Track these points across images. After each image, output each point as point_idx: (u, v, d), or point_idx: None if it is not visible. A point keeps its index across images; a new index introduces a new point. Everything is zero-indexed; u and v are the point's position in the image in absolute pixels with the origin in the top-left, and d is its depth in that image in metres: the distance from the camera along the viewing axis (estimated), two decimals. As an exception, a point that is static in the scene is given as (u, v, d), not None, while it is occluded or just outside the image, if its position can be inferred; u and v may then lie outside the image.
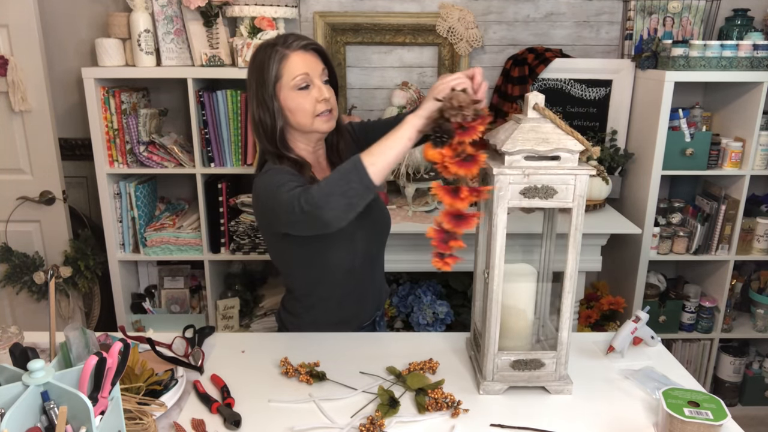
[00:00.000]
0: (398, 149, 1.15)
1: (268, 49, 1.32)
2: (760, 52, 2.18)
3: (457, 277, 2.41)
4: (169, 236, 2.32)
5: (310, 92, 1.32)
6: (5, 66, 2.17)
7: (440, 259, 1.10)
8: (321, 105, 1.33)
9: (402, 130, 1.15)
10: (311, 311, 1.48)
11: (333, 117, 1.37)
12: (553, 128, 1.10)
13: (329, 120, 1.36)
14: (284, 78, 1.31)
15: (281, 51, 1.31)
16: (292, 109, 1.33)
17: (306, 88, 1.32)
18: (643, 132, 2.37)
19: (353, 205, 1.15)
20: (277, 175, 1.29)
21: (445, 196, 1.08)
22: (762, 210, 2.46)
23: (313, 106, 1.32)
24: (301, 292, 1.48)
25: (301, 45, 1.32)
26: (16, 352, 0.87)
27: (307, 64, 1.32)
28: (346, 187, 1.13)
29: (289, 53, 1.31)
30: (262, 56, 1.32)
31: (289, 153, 1.36)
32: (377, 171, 1.13)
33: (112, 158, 2.27)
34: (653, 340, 1.40)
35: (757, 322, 2.55)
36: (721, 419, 1.01)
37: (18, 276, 2.34)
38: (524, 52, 2.46)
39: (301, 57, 1.31)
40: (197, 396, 1.18)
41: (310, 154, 1.43)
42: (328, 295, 1.46)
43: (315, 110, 1.33)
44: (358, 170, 1.13)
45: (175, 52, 2.26)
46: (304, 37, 1.35)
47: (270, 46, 1.32)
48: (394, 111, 2.41)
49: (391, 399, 1.15)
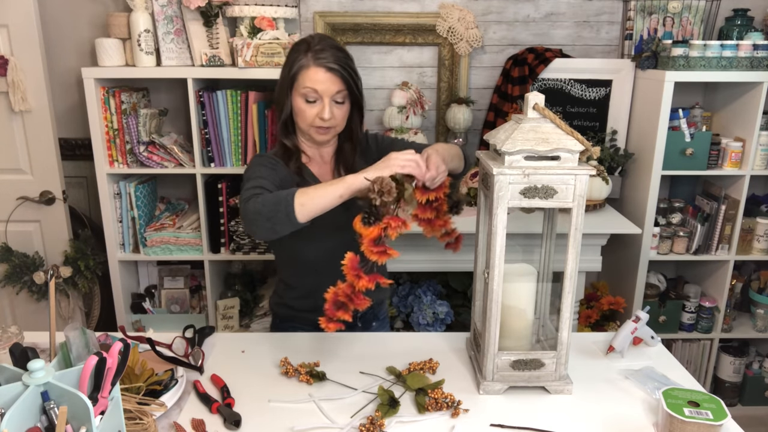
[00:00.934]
0: (328, 200, 1.19)
1: (300, 50, 1.39)
2: (760, 52, 2.18)
3: (457, 277, 2.41)
4: (169, 236, 2.32)
5: (315, 106, 1.39)
6: (5, 66, 2.17)
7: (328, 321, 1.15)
8: (319, 121, 1.39)
9: (338, 186, 1.19)
10: (287, 293, 1.58)
11: (330, 132, 1.43)
12: (553, 128, 1.10)
13: (324, 134, 1.43)
14: (298, 83, 1.38)
15: (307, 59, 1.36)
16: (296, 111, 1.42)
17: (313, 102, 1.38)
18: (643, 132, 2.37)
19: (276, 231, 1.21)
20: (252, 168, 1.39)
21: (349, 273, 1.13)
22: (762, 210, 2.46)
23: (312, 119, 1.40)
24: (281, 276, 1.60)
25: (326, 64, 1.36)
26: (16, 352, 0.87)
27: (323, 82, 1.36)
28: (273, 213, 1.19)
29: (312, 66, 1.36)
30: (294, 53, 1.39)
31: (286, 138, 1.46)
32: (304, 212, 1.18)
33: (112, 158, 2.27)
34: (653, 340, 1.40)
35: (757, 322, 2.55)
36: (721, 419, 1.01)
37: (18, 276, 2.33)
38: (524, 52, 2.46)
39: (321, 74, 1.36)
40: (197, 396, 1.18)
41: (310, 148, 1.51)
42: (299, 283, 1.54)
43: (312, 123, 1.40)
44: (288, 204, 1.18)
45: (175, 52, 2.26)
46: (336, 56, 1.37)
47: (304, 48, 1.38)
48: (394, 111, 2.41)
49: (391, 399, 1.15)
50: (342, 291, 1.15)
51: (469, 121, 2.46)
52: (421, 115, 2.45)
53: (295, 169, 1.45)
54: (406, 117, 2.41)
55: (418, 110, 2.42)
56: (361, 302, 1.14)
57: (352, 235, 1.44)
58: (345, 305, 1.14)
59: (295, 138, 1.48)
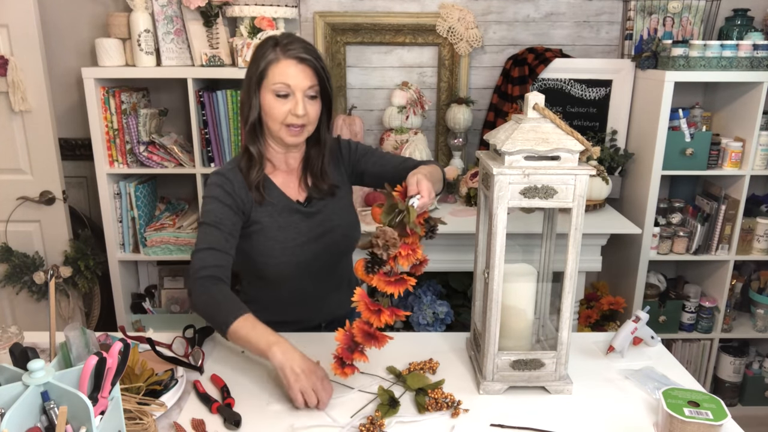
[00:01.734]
0: (251, 350, 1.20)
1: (268, 45, 1.33)
2: (760, 52, 2.18)
3: (457, 277, 2.41)
4: (169, 236, 2.32)
5: (287, 102, 1.32)
6: (5, 66, 2.17)
7: (340, 366, 1.11)
8: (292, 118, 1.33)
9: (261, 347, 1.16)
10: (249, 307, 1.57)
11: (303, 132, 1.37)
12: (553, 128, 1.10)
13: (297, 135, 1.36)
14: (267, 79, 1.32)
15: (276, 53, 1.31)
16: (266, 110, 1.34)
17: (285, 97, 1.32)
18: (643, 132, 2.37)
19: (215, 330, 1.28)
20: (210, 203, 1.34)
21: (365, 311, 1.08)
22: (762, 210, 2.46)
23: (284, 116, 1.33)
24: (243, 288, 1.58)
25: (297, 56, 1.31)
26: (16, 352, 0.87)
27: (294, 76, 1.31)
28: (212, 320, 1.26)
29: (282, 59, 1.31)
30: (262, 49, 1.34)
31: (252, 145, 1.38)
32: (233, 339, 1.21)
33: (112, 158, 2.27)
34: (653, 340, 1.40)
35: (757, 322, 2.55)
36: (721, 419, 1.01)
37: (18, 276, 2.33)
38: (524, 52, 2.46)
39: (292, 67, 1.30)
40: (197, 396, 1.18)
41: (278, 154, 1.43)
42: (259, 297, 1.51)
43: (285, 120, 1.33)
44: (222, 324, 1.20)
45: (175, 52, 2.26)
46: (306, 48, 1.33)
47: (272, 43, 1.33)
48: (394, 111, 2.41)
49: (391, 399, 1.15)
50: (358, 330, 1.08)
51: (469, 121, 2.46)
52: (421, 115, 2.45)
53: (257, 183, 1.39)
54: (406, 117, 2.41)
55: (418, 110, 2.43)
56: (382, 340, 1.09)
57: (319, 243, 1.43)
58: (362, 347, 1.09)
59: (263, 144, 1.40)
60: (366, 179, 1.56)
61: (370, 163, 1.52)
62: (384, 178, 1.45)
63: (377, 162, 1.52)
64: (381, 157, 1.54)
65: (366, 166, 1.52)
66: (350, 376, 1.11)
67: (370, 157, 1.53)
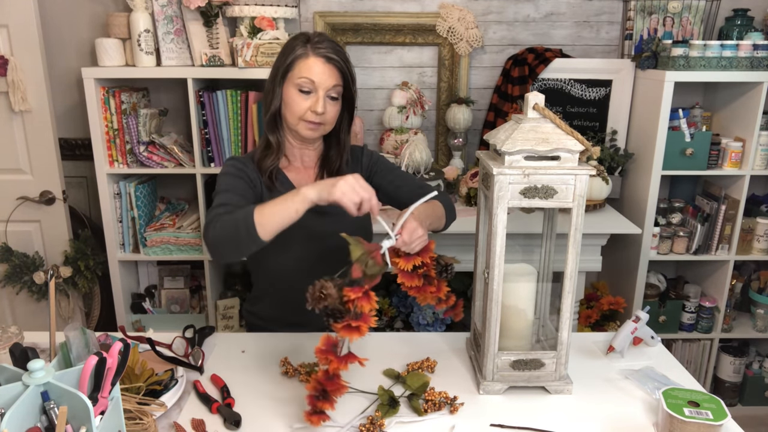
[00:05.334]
0: (285, 217, 1.14)
1: (299, 40, 1.36)
2: (760, 52, 2.18)
3: (457, 277, 2.41)
4: (169, 236, 2.32)
5: (308, 98, 1.35)
6: (5, 66, 2.17)
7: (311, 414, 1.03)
8: (310, 114, 1.35)
9: (293, 201, 1.13)
10: (259, 302, 1.56)
11: (320, 129, 1.39)
12: (553, 128, 1.10)
13: (314, 130, 1.38)
14: (293, 72, 1.35)
15: (306, 49, 1.34)
16: (287, 103, 1.37)
17: (307, 93, 1.35)
18: (643, 132, 2.37)
19: (242, 251, 1.18)
20: (222, 178, 1.36)
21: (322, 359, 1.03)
22: (762, 210, 2.46)
23: (303, 112, 1.35)
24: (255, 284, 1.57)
25: (326, 55, 1.34)
26: (16, 352, 0.87)
27: (319, 74, 1.34)
28: (235, 234, 1.16)
29: (310, 55, 1.34)
30: (292, 43, 1.37)
31: (272, 134, 1.42)
32: (265, 231, 1.14)
33: (112, 158, 2.27)
34: (653, 340, 1.40)
35: (757, 322, 2.55)
36: (721, 419, 1.01)
37: (18, 276, 2.33)
38: (524, 52, 2.46)
39: (319, 65, 1.34)
40: (197, 396, 1.18)
41: (294, 149, 1.46)
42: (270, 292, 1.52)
43: (303, 116, 1.36)
44: (248, 224, 1.14)
45: (175, 52, 2.26)
46: (335, 49, 1.36)
47: (303, 39, 1.36)
48: (394, 111, 2.41)
49: (391, 399, 1.15)
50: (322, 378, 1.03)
51: (469, 121, 2.46)
52: (421, 115, 2.45)
53: (269, 174, 1.40)
54: (406, 117, 2.41)
55: (418, 110, 2.43)
56: (338, 389, 1.02)
57: (326, 243, 1.41)
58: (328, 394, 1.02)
59: (281, 134, 1.43)
60: (379, 195, 1.53)
61: (387, 180, 1.51)
62: (397, 200, 1.48)
63: (393, 181, 1.51)
64: (399, 178, 1.52)
65: (382, 181, 1.50)
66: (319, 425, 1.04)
67: (388, 173, 1.52)
